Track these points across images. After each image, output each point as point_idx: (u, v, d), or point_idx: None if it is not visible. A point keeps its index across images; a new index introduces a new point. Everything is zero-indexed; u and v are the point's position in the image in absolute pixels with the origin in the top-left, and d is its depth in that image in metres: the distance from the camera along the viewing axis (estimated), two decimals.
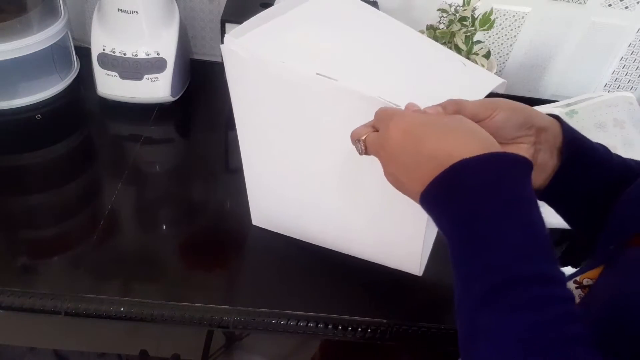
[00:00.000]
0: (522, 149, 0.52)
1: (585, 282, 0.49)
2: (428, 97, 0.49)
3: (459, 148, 0.40)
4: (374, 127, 0.48)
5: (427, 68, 0.62)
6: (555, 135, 0.53)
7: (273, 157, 0.66)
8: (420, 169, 0.42)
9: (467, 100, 0.50)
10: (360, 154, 0.49)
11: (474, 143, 0.41)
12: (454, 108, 0.48)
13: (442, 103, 0.49)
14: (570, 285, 0.50)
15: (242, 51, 0.55)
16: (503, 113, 0.50)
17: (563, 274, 0.37)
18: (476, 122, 0.49)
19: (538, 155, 0.53)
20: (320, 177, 0.63)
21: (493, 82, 0.59)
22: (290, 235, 0.74)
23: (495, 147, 0.42)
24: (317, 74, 0.53)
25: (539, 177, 0.54)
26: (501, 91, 0.61)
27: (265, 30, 0.58)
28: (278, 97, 0.58)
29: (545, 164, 0.53)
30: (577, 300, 0.49)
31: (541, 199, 0.56)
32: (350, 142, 0.50)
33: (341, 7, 0.66)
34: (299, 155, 0.63)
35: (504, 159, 0.40)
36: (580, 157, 0.53)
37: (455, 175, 0.40)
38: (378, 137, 0.46)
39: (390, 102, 0.50)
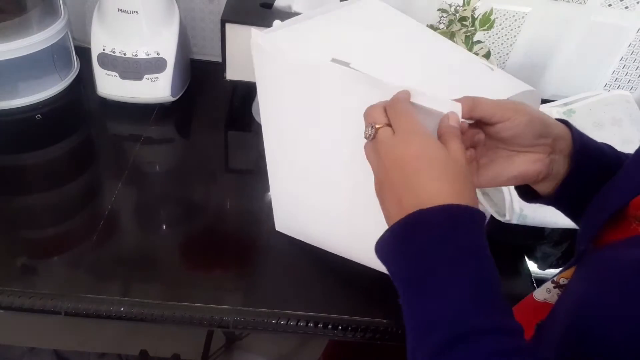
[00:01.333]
0: (539, 159, 0.51)
1: (561, 281, 0.50)
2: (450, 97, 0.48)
3: (438, 195, 0.40)
4: (390, 120, 0.45)
5: (453, 71, 0.61)
6: (568, 143, 0.51)
7: (296, 156, 0.65)
8: (403, 197, 0.41)
9: (484, 98, 0.48)
10: (366, 137, 0.46)
11: (454, 194, 0.40)
12: (470, 105, 0.47)
13: (460, 99, 0.47)
14: (548, 285, 0.51)
15: (267, 45, 0.56)
16: (523, 119, 0.48)
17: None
18: (492, 123, 0.48)
19: (553, 166, 0.52)
20: (340, 177, 0.62)
21: (520, 87, 0.58)
22: (310, 243, 0.74)
23: (465, 199, 0.40)
24: (332, 59, 0.53)
25: (549, 185, 0.53)
26: (536, 104, 0.60)
27: (293, 30, 0.59)
28: (302, 91, 0.57)
29: (557, 173, 0.52)
30: (555, 298, 0.49)
31: (550, 204, 0.55)
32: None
33: (371, 12, 0.67)
34: (321, 152, 0.62)
35: (456, 211, 0.39)
36: (589, 163, 0.52)
37: (408, 225, 0.40)
38: (392, 140, 0.44)
39: (409, 87, 0.48)
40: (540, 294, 0.52)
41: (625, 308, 0.36)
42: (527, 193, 0.56)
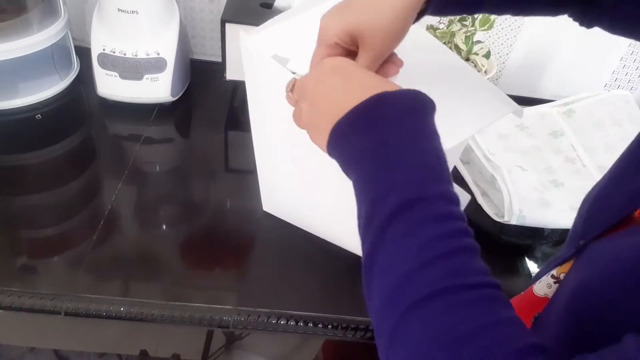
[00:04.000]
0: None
1: (562, 276, 0.50)
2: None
3: (375, 85, 0.42)
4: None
5: (438, 78, 0.62)
6: None
7: (282, 150, 0.66)
8: (347, 97, 0.41)
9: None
10: (289, 102, 0.49)
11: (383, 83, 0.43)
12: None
13: None
14: (549, 279, 0.51)
15: (252, 48, 0.57)
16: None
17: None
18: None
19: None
20: (325, 171, 0.63)
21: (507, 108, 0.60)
22: (297, 225, 0.75)
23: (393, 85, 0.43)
24: (273, 55, 0.55)
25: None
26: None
27: (281, 29, 0.60)
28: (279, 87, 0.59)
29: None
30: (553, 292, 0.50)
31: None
32: None
33: None
34: (305, 150, 0.63)
35: (419, 96, 0.41)
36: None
37: (376, 103, 0.40)
38: (307, 77, 0.46)
39: None
40: (540, 289, 0.52)
41: (625, 286, 0.36)
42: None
